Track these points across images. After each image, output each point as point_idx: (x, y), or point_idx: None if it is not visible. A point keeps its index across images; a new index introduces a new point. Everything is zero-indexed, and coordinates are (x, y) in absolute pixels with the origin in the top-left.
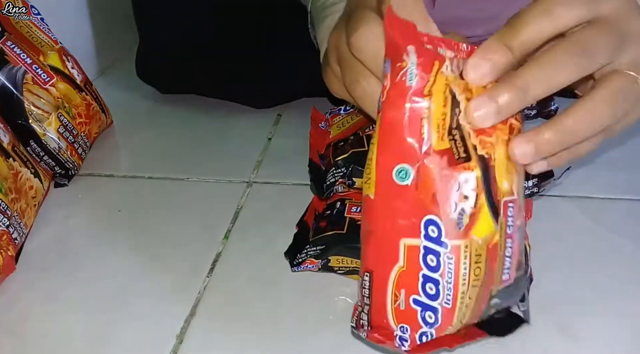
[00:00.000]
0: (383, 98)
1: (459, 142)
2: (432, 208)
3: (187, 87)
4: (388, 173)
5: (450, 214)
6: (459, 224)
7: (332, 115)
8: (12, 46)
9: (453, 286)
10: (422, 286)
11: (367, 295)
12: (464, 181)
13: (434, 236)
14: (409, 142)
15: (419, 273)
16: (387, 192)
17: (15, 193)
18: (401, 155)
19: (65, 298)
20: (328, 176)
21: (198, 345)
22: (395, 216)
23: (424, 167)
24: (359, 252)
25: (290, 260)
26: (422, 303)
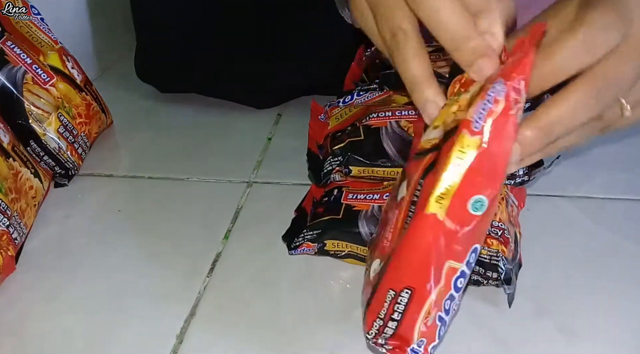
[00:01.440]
0: (484, 122)
1: None
2: (482, 237)
3: (187, 86)
4: (466, 200)
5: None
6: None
7: (331, 108)
8: (12, 46)
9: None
10: (446, 305)
11: (401, 310)
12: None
13: (472, 262)
14: (499, 175)
15: (448, 292)
16: (457, 218)
17: (15, 193)
18: (485, 186)
19: (65, 297)
20: (325, 164)
21: (198, 345)
22: (453, 241)
23: (496, 198)
24: (353, 236)
25: (287, 244)
26: (443, 320)
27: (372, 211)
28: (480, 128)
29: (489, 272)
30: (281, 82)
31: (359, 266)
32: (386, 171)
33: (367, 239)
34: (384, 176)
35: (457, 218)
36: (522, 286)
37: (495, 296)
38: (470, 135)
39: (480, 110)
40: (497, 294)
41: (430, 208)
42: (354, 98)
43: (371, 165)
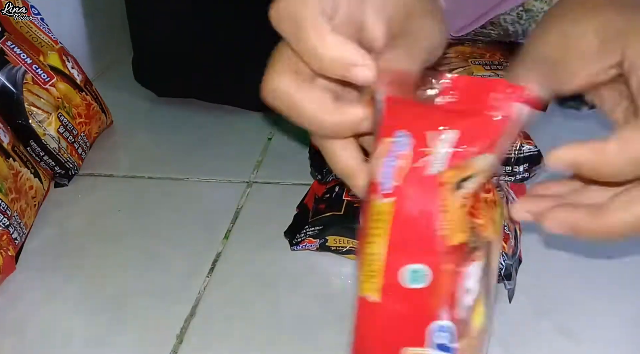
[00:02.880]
0: (396, 181)
1: (476, 230)
2: (442, 312)
3: (184, 90)
4: (399, 274)
5: (460, 314)
6: (466, 322)
7: None
8: (12, 46)
9: None
10: None
11: None
12: (469, 274)
13: (442, 342)
14: (425, 241)
15: None
16: (396, 297)
17: (15, 193)
18: (416, 255)
19: (65, 297)
20: None
21: (198, 345)
22: (402, 324)
23: (439, 269)
24: (355, 232)
25: (289, 240)
26: None
27: None
28: (391, 190)
29: None
30: None
31: None
32: None
33: None
34: None
35: (394, 296)
36: (522, 285)
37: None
38: (381, 199)
39: (386, 168)
40: (498, 290)
41: (362, 290)
42: None
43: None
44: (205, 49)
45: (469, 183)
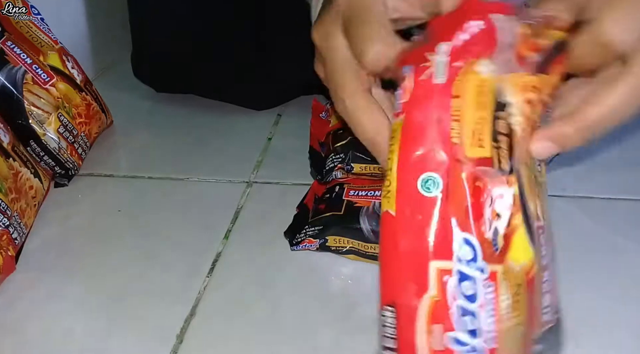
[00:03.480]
0: (404, 99)
1: (503, 151)
2: (465, 224)
3: (184, 86)
4: (412, 183)
5: (486, 233)
6: (494, 245)
7: (332, 105)
8: (12, 46)
9: (495, 322)
10: (460, 321)
11: (392, 334)
12: (498, 197)
13: (468, 258)
14: (436, 148)
15: (455, 304)
16: (412, 206)
17: (15, 193)
18: (428, 163)
19: (66, 297)
20: (327, 161)
21: (198, 345)
22: (422, 234)
23: (454, 176)
24: (355, 233)
25: (289, 240)
26: (461, 342)
27: (373, 208)
28: (400, 108)
29: None
30: (279, 82)
31: (360, 262)
32: None
33: (368, 235)
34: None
35: (411, 206)
36: None
37: None
38: (394, 119)
39: (397, 97)
40: None
41: (383, 206)
42: None
43: (373, 162)
44: (205, 44)
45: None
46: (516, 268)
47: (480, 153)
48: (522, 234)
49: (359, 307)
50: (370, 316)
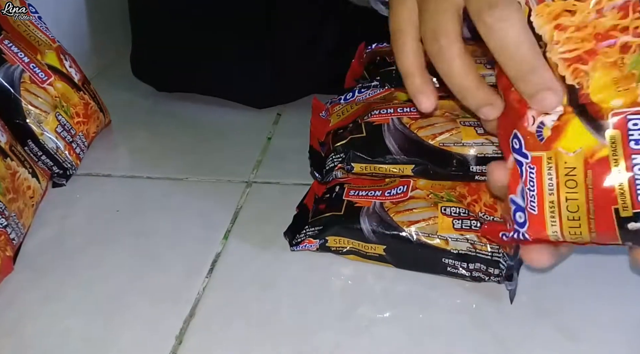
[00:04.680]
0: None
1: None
2: (516, 124)
3: (183, 84)
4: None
5: (529, 127)
6: (539, 136)
7: (332, 105)
8: (10, 45)
9: (537, 195)
10: (517, 189)
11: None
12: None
13: (517, 147)
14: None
15: (519, 179)
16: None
17: (13, 193)
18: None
19: (64, 298)
20: (327, 161)
21: (197, 346)
22: (506, 136)
23: (509, 93)
24: (355, 233)
25: (289, 240)
26: (514, 202)
27: (373, 208)
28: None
29: (490, 268)
30: (282, 81)
31: (360, 263)
32: (388, 168)
33: (368, 235)
34: (386, 173)
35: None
36: (522, 285)
37: (496, 292)
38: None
39: None
40: (499, 290)
41: None
42: (355, 95)
43: (373, 162)
44: (205, 42)
45: None
46: (568, 153)
47: None
48: (576, 125)
49: (359, 307)
50: (370, 316)
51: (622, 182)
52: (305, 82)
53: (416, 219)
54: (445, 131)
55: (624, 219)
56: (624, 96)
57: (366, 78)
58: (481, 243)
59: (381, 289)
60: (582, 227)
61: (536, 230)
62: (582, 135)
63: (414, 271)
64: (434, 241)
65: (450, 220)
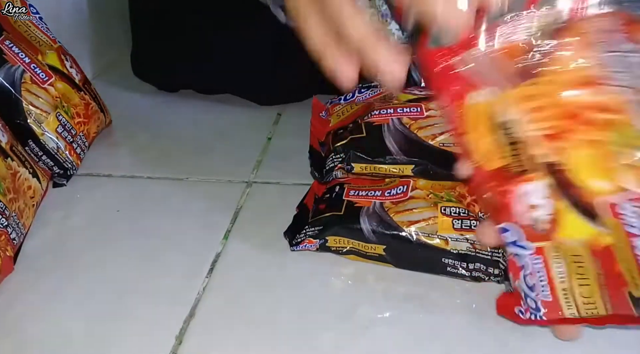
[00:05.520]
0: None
1: (519, 157)
2: (500, 216)
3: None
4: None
5: (522, 221)
6: (536, 229)
7: (332, 105)
8: (11, 45)
9: (548, 283)
10: (522, 278)
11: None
12: (526, 193)
13: (512, 241)
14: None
15: (520, 269)
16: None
17: (14, 193)
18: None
19: (64, 298)
20: (327, 161)
21: (197, 346)
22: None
23: (482, 192)
24: (355, 233)
25: (289, 240)
26: (524, 290)
27: (373, 208)
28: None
29: (490, 268)
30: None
31: (360, 263)
32: (388, 168)
33: (368, 236)
34: (386, 173)
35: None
36: None
37: (496, 292)
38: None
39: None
40: (499, 290)
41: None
42: (355, 95)
43: (373, 162)
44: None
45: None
46: (572, 242)
47: (495, 165)
48: (572, 217)
49: (359, 307)
50: (370, 316)
51: (630, 267)
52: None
53: (416, 219)
54: (445, 131)
55: (638, 299)
56: (606, 176)
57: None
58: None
59: (381, 289)
60: (599, 308)
61: (553, 314)
62: (581, 225)
63: (414, 271)
64: (433, 241)
65: (450, 220)
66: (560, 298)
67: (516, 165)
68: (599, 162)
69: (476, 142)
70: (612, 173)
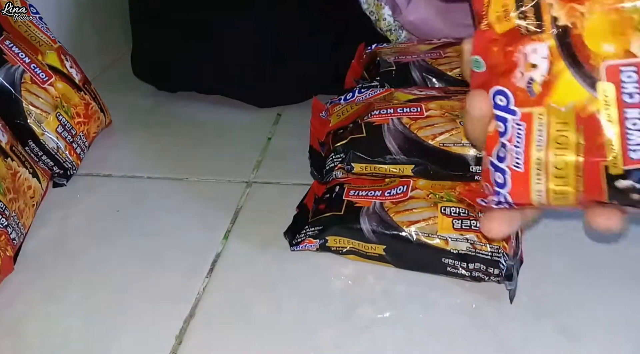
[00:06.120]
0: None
1: (530, 18)
2: (499, 80)
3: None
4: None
5: (517, 83)
6: (529, 92)
7: (332, 105)
8: (11, 45)
9: (523, 151)
10: (495, 152)
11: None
12: (531, 51)
13: (502, 105)
14: (477, 30)
15: (497, 139)
16: (473, 78)
17: (14, 193)
18: (475, 48)
19: (64, 298)
20: (327, 161)
21: (197, 346)
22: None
23: (490, 51)
24: (355, 233)
25: (289, 240)
26: (493, 164)
27: (373, 208)
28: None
29: (490, 268)
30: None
31: (360, 263)
32: (388, 168)
33: (368, 235)
34: (386, 173)
35: (473, 78)
36: (523, 285)
37: (496, 292)
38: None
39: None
40: (499, 290)
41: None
42: (355, 95)
43: (373, 162)
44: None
45: None
46: (561, 108)
47: (506, 26)
48: (567, 78)
49: (359, 307)
50: (370, 316)
51: (613, 138)
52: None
53: (416, 219)
54: (445, 131)
55: (613, 177)
56: (617, 41)
57: (366, 78)
58: (481, 243)
59: (381, 289)
60: (569, 185)
61: (519, 190)
62: (573, 88)
63: (414, 271)
64: (433, 241)
65: (450, 220)
66: (532, 170)
67: (527, 25)
68: (615, 27)
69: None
70: (625, 39)
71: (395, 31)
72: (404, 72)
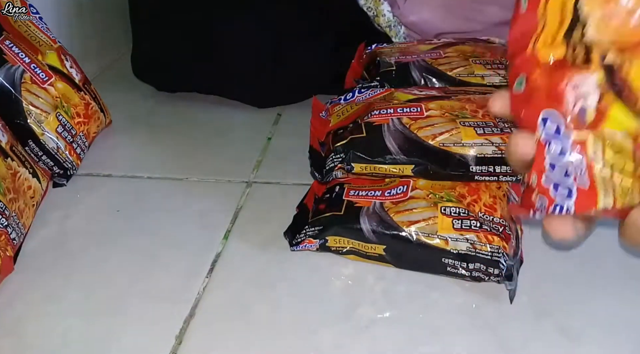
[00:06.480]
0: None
1: (579, 50)
2: (551, 105)
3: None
4: (513, 83)
5: (569, 110)
6: (582, 119)
7: (332, 105)
8: (11, 45)
9: (587, 170)
10: (551, 172)
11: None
12: (580, 82)
13: (552, 132)
14: (524, 53)
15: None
16: (513, 101)
17: (14, 193)
18: (520, 66)
19: (64, 298)
20: (327, 161)
21: (197, 346)
22: (532, 115)
23: (534, 74)
24: (355, 233)
25: (289, 240)
26: (554, 179)
27: (373, 208)
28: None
29: (490, 268)
30: (281, 83)
31: (360, 263)
32: (388, 168)
33: (368, 235)
34: (386, 173)
35: (512, 102)
36: (523, 285)
37: (496, 292)
38: None
39: None
40: (499, 290)
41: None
42: (355, 95)
43: (373, 162)
44: (205, 41)
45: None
46: (617, 134)
47: (556, 54)
48: (618, 108)
49: (359, 307)
50: (370, 316)
51: None
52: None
53: (416, 219)
54: (445, 131)
55: None
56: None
57: (366, 78)
58: (481, 243)
59: (381, 289)
60: (636, 198)
61: (587, 201)
62: (625, 117)
63: (414, 271)
64: (433, 241)
65: (450, 220)
66: (599, 184)
67: (570, 58)
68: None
69: (545, 24)
70: None
71: (395, 27)
72: (404, 72)
